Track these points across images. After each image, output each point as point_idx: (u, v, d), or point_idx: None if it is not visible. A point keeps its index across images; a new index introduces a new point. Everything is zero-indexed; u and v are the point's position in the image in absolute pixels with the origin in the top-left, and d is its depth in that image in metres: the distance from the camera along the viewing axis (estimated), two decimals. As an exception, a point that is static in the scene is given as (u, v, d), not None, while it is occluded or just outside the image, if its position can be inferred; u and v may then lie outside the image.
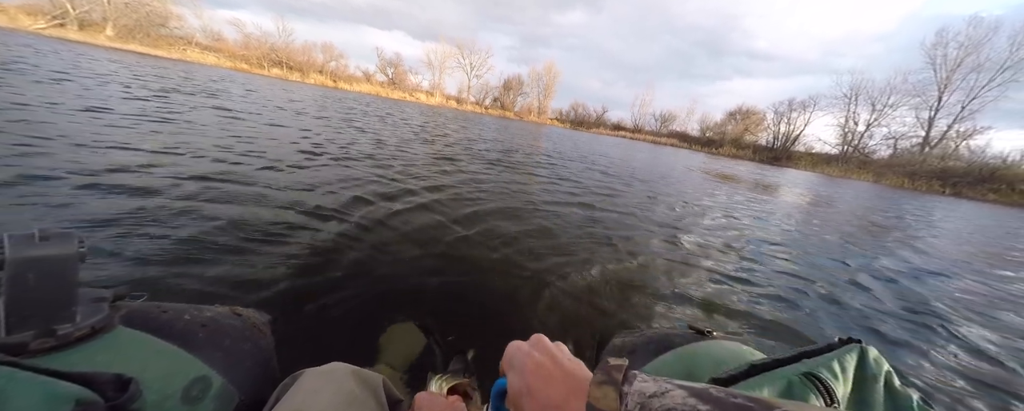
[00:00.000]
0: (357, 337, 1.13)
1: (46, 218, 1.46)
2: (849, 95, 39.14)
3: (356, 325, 1.18)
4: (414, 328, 1.17)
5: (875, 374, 0.42)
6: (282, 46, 41.64)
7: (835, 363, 0.42)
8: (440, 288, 1.49)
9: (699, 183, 7.24)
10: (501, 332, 1.27)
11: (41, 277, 0.32)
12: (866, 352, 0.43)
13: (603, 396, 0.24)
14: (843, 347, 0.44)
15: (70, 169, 2.00)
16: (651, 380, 0.24)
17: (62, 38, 22.48)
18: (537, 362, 0.30)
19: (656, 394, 0.23)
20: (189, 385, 0.37)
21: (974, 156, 29.76)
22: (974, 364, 1.54)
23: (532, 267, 1.83)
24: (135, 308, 0.42)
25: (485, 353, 1.08)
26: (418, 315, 1.27)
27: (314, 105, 9.95)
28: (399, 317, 1.23)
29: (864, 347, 0.44)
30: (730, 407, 0.21)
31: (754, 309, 1.75)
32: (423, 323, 1.21)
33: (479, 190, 3.34)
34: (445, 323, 1.24)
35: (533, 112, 55.68)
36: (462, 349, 1.09)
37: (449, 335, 1.18)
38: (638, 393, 0.23)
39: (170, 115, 4.23)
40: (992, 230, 6.96)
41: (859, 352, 0.43)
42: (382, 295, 1.38)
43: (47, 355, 0.31)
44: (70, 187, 1.78)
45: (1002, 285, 2.90)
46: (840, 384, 0.40)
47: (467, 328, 1.24)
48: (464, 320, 1.30)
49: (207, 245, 1.47)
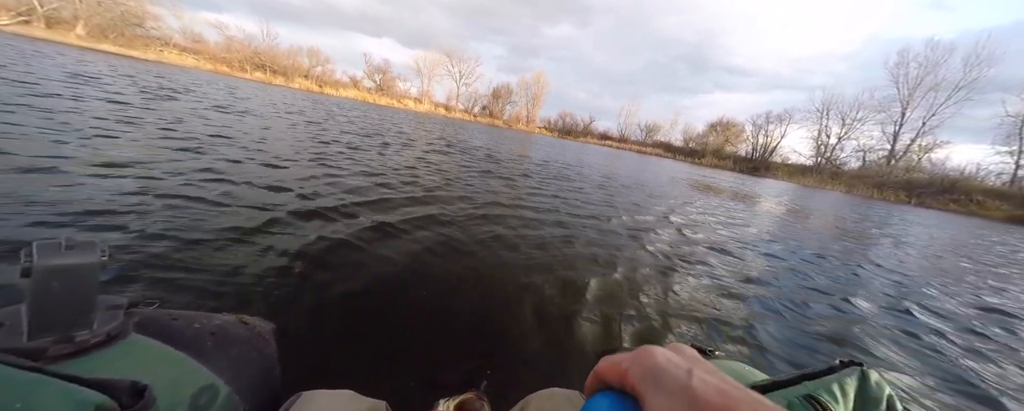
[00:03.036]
0: (355, 356, 1.07)
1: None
2: (821, 110, 41.36)
3: (353, 343, 1.12)
4: (410, 354, 1.12)
5: (877, 397, 0.41)
6: (266, 49, 40.96)
7: (835, 386, 0.41)
8: (450, 308, 1.44)
9: (707, 201, 7.38)
10: (511, 353, 1.23)
11: (65, 285, 0.33)
12: (867, 375, 0.42)
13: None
14: (844, 369, 0.43)
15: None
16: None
17: (26, 35, 21.44)
18: (717, 388, 0.21)
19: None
20: (197, 393, 0.37)
21: (935, 168, 31.76)
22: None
23: (534, 280, 1.80)
24: (147, 315, 0.42)
25: (495, 372, 1.06)
26: (425, 336, 1.22)
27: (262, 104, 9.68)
28: (398, 338, 1.18)
29: (865, 370, 0.43)
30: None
31: (757, 328, 1.74)
32: (426, 345, 1.16)
33: (466, 197, 3.30)
34: (453, 345, 1.20)
35: (522, 121, 56.26)
36: (471, 374, 1.05)
37: (455, 357, 1.14)
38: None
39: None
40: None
41: (860, 375, 0.42)
42: (379, 312, 1.31)
43: (65, 361, 0.32)
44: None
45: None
46: (840, 407, 0.39)
47: (474, 348, 1.20)
48: (470, 341, 1.25)
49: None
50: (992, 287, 3.38)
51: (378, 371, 1.03)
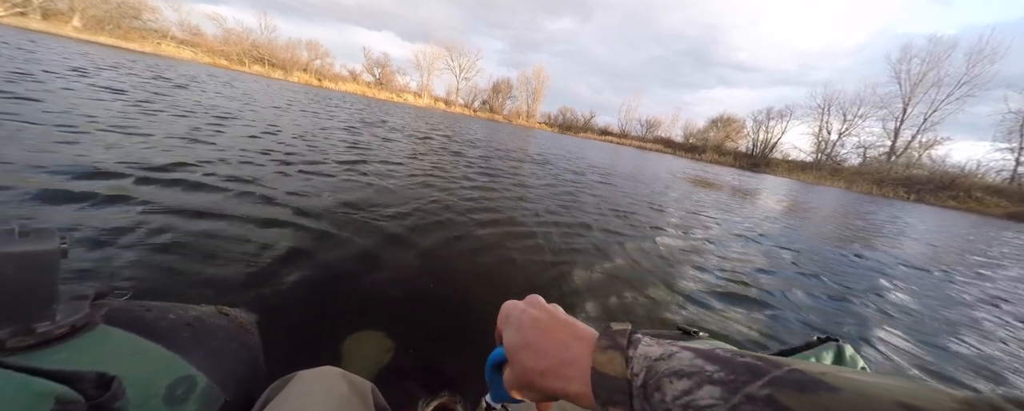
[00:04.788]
0: (339, 343, 1.09)
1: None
2: (822, 106, 41.23)
3: (338, 332, 1.14)
4: (386, 338, 1.12)
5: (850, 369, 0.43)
6: (264, 42, 40.64)
7: (813, 359, 0.44)
8: (426, 300, 1.46)
9: (718, 200, 7.37)
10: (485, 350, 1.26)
11: (20, 273, 0.31)
12: (842, 349, 0.45)
13: (609, 361, 0.23)
14: (822, 344, 0.46)
15: None
16: (656, 343, 0.24)
17: (22, 27, 21.24)
18: (534, 316, 0.30)
19: (662, 357, 0.22)
20: (173, 384, 0.36)
21: (935, 165, 31.75)
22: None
23: (521, 273, 1.82)
24: (117, 306, 0.41)
25: (470, 374, 1.05)
26: (402, 330, 1.24)
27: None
28: (384, 327, 1.20)
29: (841, 344, 0.45)
30: (739, 367, 0.20)
31: (742, 310, 1.80)
32: (406, 342, 1.17)
33: (469, 196, 3.31)
34: (425, 339, 1.22)
35: (522, 116, 56.06)
36: (445, 373, 1.05)
37: (431, 355, 1.14)
38: (644, 356, 0.23)
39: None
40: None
41: (836, 349, 0.45)
42: (367, 303, 1.34)
43: (25, 353, 0.30)
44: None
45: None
46: (818, 381, 0.41)
47: (452, 345, 1.21)
48: (446, 337, 1.27)
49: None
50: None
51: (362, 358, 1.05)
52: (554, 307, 0.32)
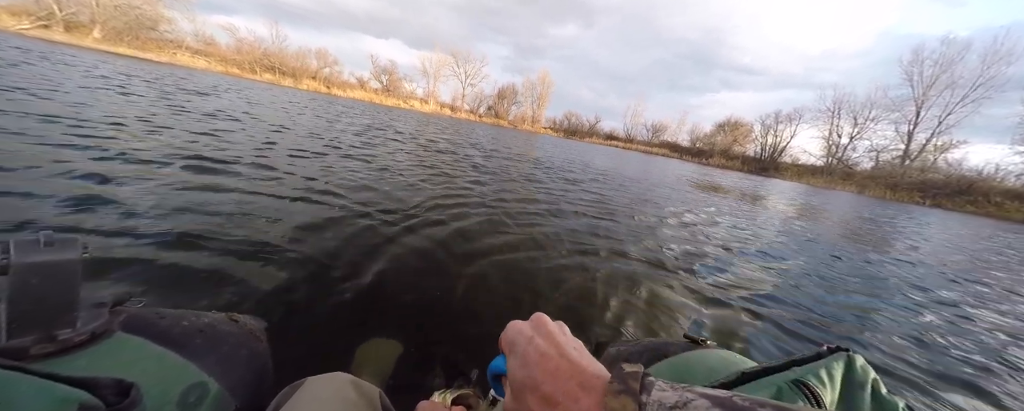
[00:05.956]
0: (346, 350, 1.10)
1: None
2: (832, 109, 40.57)
3: (344, 339, 1.15)
4: (398, 345, 1.13)
5: (862, 381, 0.42)
6: (275, 51, 41.54)
7: (823, 371, 0.43)
8: (441, 303, 1.46)
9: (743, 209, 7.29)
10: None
11: (44, 282, 0.32)
12: (853, 360, 0.44)
13: (621, 407, 0.23)
14: (831, 355, 0.45)
15: None
16: (670, 388, 0.23)
17: (46, 39, 22.06)
18: (542, 351, 0.29)
19: (677, 404, 0.21)
20: (186, 391, 0.37)
21: (952, 169, 30.93)
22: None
23: (529, 279, 1.82)
24: (134, 313, 0.42)
25: (478, 380, 1.05)
26: (422, 332, 1.25)
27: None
28: (393, 334, 1.20)
29: (851, 355, 0.44)
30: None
31: (748, 316, 1.76)
32: (424, 340, 1.19)
33: (479, 204, 3.33)
34: (447, 339, 1.22)
35: (527, 121, 56.19)
36: (466, 369, 1.07)
37: (449, 352, 1.15)
38: (657, 403, 0.22)
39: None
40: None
41: (846, 360, 0.44)
42: (375, 309, 1.35)
43: (47, 360, 0.31)
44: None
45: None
46: (828, 391, 0.40)
47: (470, 344, 1.22)
48: (467, 336, 1.27)
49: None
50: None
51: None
52: (561, 330, 0.32)
